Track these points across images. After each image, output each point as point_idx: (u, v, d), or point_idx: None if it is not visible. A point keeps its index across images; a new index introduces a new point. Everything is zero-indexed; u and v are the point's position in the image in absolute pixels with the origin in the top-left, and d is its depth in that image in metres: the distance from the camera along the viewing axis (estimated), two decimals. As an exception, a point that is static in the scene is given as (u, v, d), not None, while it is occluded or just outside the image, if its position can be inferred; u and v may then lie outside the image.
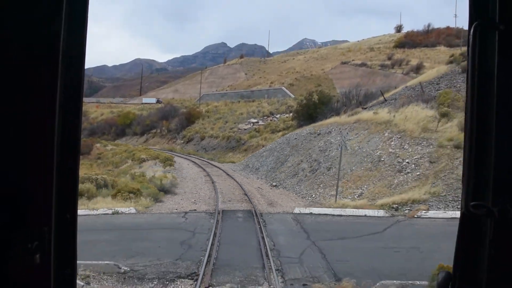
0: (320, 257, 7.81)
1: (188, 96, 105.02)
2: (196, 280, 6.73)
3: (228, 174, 23.51)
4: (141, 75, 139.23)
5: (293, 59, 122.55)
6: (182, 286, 6.62)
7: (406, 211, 11.75)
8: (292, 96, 71.54)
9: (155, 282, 6.78)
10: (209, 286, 6.46)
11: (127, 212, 12.58)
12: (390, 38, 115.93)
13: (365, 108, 27.10)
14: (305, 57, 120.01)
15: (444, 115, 18.71)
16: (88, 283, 6.67)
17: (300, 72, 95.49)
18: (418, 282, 5.96)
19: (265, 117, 55.53)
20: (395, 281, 6.12)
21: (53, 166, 1.10)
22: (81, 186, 16.00)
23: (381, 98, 27.64)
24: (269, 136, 39.87)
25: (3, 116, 1.07)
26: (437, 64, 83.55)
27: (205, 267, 7.27)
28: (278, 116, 53.44)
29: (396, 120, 19.87)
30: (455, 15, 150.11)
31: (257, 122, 52.17)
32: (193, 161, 32.23)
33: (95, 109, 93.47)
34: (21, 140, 1.08)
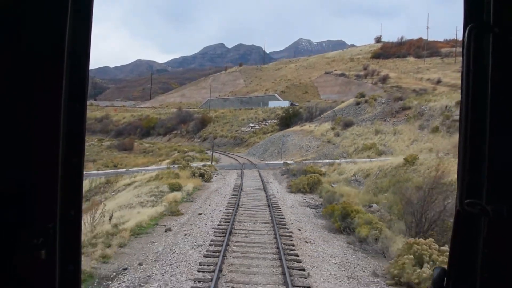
0: (267, 167, 38.22)
1: (194, 100, 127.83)
2: (241, 169, 37.02)
3: (240, 156, 53.86)
4: (151, 79, 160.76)
5: (286, 67, 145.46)
6: (238, 170, 36.90)
7: (300, 161, 41.95)
8: (284, 102, 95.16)
9: (232, 169, 37.11)
10: (244, 169, 36.76)
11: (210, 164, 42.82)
12: (370, 48, 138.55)
13: (312, 122, 57.28)
14: (296, 65, 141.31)
15: (332, 128, 48.95)
16: (216, 169, 37.06)
17: (291, 80, 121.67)
18: (282, 166, 36.16)
19: (259, 122, 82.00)
20: (280, 165, 36.55)
21: (58, 163, 1.21)
22: (188, 157, 46.36)
23: (319, 116, 57.89)
24: (262, 136, 68.96)
25: (8, 114, 1.18)
26: (402, 74, 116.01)
27: (242, 168, 37.60)
28: (269, 121, 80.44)
29: (315, 130, 50.18)
30: (427, 27, 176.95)
31: (254, 126, 79.39)
32: (216, 152, 62.00)
33: (114, 113, 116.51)
34: (26, 138, 1.19)
